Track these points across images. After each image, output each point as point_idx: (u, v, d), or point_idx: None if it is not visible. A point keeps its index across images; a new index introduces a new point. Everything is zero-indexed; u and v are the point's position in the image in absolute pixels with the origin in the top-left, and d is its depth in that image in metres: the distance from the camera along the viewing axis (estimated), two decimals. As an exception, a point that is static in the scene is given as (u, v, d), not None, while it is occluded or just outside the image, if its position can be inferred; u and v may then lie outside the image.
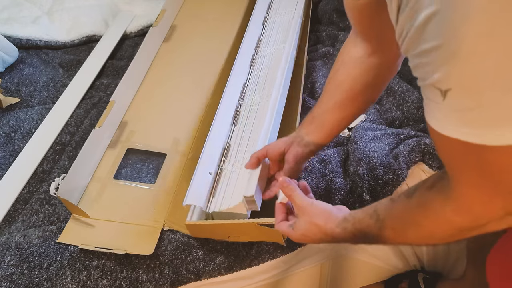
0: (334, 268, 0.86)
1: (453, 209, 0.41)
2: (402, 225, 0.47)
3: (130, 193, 0.84)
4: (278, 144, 0.72)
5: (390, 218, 0.49)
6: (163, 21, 1.16)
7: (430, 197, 0.43)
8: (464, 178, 0.38)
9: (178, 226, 0.77)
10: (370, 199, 0.80)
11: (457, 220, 0.41)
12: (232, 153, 0.81)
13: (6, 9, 1.33)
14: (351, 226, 0.54)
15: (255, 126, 0.84)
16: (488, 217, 0.39)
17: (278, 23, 1.08)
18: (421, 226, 0.45)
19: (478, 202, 0.38)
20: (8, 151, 0.95)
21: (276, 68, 0.93)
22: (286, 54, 0.96)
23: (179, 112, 0.99)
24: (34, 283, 0.72)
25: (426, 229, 0.45)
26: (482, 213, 0.39)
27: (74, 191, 0.82)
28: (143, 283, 0.73)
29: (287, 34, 1.02)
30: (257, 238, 0.75)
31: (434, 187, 0.43)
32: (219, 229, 0.73)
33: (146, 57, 1.09)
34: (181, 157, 0.89)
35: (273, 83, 0.90)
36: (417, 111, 0.95)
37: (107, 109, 0.91)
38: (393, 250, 0.87)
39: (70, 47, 1.26)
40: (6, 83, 1.10)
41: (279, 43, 1.01)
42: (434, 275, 0.92)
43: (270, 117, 0.83)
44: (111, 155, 0.91)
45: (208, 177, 0.76)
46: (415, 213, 0.45)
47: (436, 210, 0.42)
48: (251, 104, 0.89)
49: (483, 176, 0.36)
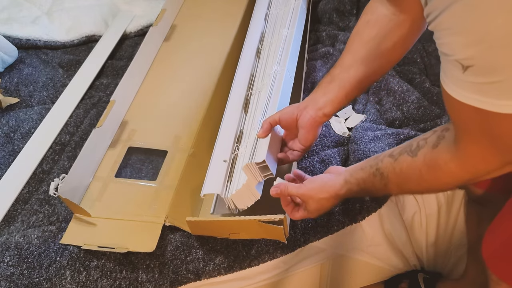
0: (334, 268, 0.86)
1: (457, 165, 0.47)
2: (406, 179, 0.53)
3: (131, 191, 0.85)
4: (290, 110, 0.71)
5: (394, 175, 0.54)
6: (163, 21, 1.16)
7: (435, 155, 0.49)
8: (469, 137, 0.44)
9: (179, 222, 0.77)
10: (370, 199, 0.80)
11: (459, 173, 0.47)
12: (245, 138, 0.80)
13: (5, 9, 1.33)
14: (356, 186, 0.60)
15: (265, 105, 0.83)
16: (487, 170, 0.46)
17: (280, 16, 1.08)
18: (424, 180, 0.51)
19: (480, 159, 0.45)
20: (7, 151, 0.95)
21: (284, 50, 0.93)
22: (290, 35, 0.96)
23: (180, 110, 0.99)
24: (33, 283, 0.72)
25: (428, 182, 0.51)
26: (483, 168, 0.45)
27: (75, 191, 0.82)
28: (143, 283, 0.73)
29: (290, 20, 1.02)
30: (259, 235, 0.75)
31: (439, 146, 0.49)
32: (220, 226, 0.72)
33: (146, 56, 1.09)
34: (182, 154, 0.90)
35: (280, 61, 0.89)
36: (417, 111, 0.95)
37: (107, 108, 0.91)
38: (393, 250, 0.87)
39: (69, 47, 1.26)
40: (6, 83, 1.10)
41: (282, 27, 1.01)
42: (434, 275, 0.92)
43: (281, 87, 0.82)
44: (112, 154, 0.91)
45: (223, 165, 0.76)
46: (420, 169, 0.51)
47: (441, 166, 0.48)
48: (260, 89, 0.88)
49: (487, 136, 0.42)
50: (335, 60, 1.11)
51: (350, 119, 0.96)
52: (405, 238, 0.87)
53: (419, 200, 0.85)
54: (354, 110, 0.98)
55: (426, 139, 0.52)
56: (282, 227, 0.68)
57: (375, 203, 0.81)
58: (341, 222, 0.79)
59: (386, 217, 0.83)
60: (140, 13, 1.35)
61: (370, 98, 1.00)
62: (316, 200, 0.64)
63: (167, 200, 0.81)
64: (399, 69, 1.07)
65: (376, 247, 0.85)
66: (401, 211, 0.85)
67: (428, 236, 0.88)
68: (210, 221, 0.71)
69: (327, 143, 0.91)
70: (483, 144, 0.43)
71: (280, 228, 0.68)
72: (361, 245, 0.84)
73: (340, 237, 0.80)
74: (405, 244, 0.88)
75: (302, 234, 0.77)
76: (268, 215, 0.67)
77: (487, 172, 0.46)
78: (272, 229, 0.69)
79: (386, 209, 0.82)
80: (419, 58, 1.09)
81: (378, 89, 1.02)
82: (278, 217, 0.67)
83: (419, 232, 0.87)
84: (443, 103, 1.01)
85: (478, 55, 0.36)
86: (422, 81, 1.02)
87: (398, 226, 0.85)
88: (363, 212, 0.80)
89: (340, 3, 1.28)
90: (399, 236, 0.86)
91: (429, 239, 0.88)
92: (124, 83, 0.98)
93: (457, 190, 0.84)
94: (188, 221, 0.72)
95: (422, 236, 0.88)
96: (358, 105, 0.99)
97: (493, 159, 0.44)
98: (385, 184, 0.56)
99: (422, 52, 1.10)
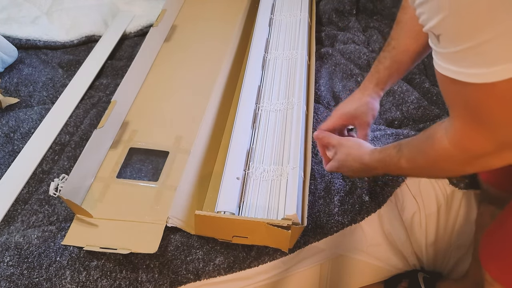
0: (334, 268, 0.86)
1: (449, 141, 0.47)
2: (414, 153, 0.55)
3: (133, 192, 0.85)
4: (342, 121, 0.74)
5: (407, 147, 0.56)
6: (163, 21, 1.16)
7: (435, 129, 0.50)
8: (455, 113, 0.45)
9: (181, 223, 0.77)
10: (369, 200, 0.80)
11: (452, 151, 0.47)
12: (256, 158, 0.82)
13: (5, 9, 1.33)
14: (378, 153, 0.62)
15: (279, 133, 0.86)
16: (477, 150, 0.45)
17: (284, 25, 1.09)
18: (428, 154, 0.52)
19: (467, 136, 0.44)
20: (7, 151, 0.95)
21: (294, 75, 0.96)
22: (301, 59, 0.98)
23: (181, 110, 1.00)
24: (33, 283, 0.72)
25: (431, 158, 0.51)
26: (470, 146, 0.45)
27: (77, 192, 0.82)
28: (143, 283, 0.73)
29: (297, 39, 1.04)
30: (262, 241, 0.75)
31: (443, 122, 0.50)
32: (226, 224, 0.72)
33: (147, 57, 1.09)
34: (183, 155, 0.90)
35: (293, 91, 0.93)
36: (417, 111, 0.95)
37: (108, 109, 0.91)
38: (393, 250, 0.87)
39: (69, 47, 1.26)
40: (6, 83, 1.10)
41: (291, 48, 1.03)
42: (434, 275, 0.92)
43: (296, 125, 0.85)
44: (113, 155, 0.91)
45: (237, 183, 0.77)
46: (423, 142, 0.52)
47: (439, 140, 0.49)
48: (269, 109, 0.91)
49: (468, 111, 0.42)
50: (334, 61, 1.12)
51: (349, 119, 0.96)
52: (405, 238, 0.87)
53: (419, 200, 0.85)
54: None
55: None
56: (290, 232, 0.68)
57: (374, 204, 0.81)
58: (340, 223, 0.79)
59: (386, 217, 0.83)
60: (140, 13, 1.35)
61: (369, 98, 1.00)
62: (346, 152, 0.69)
63: (168, 201, 0.81)
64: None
65: (375, 247, 0.85)
66: (400, 211, 0.85)
67: (428, 236, 0.88)
68: (219, 218, 0.70)
69: (326, 143, 0.91)
70: (467, 120, 0.43)
71: (287, 233, 0.68)
72: (361, 245, 0.84)
73: (339, 237, 0.80)
74: (405, 244, 0.88)
75: (302, 235, 0.77)
76: (277, 219, 0.68)
77: (481, 153, 0.45)
78: (278, 234, 0.68)
79: (385, 209, 0.82)
80: (419, 58, 1.09)
81: (378, 89, 1.02)
82: (287, 222, 0.67)
83: (418, 232, 0.87)
84: (443, 103, 1.01)
85: (444, 22, 0.37)
86: (421, 81, 1.02)
87: (397, 226, 0.85)
88: (363, 212, 0.80)
89: (340, 3, 1.29)
90: (398, 236, 0.86)
91: (429, 239, 0.88)
92: (125, 84, 0.98)
93: (456, 190, 0.84)
94: (196, 215, 0.71)
95: (421, 236, 0.88)
96: (357, 105, 0.99)
97: (480, 138, 0.43)
98: (399, 158, 0.57)
99: (422, 52, 1.10)
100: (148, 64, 1.10)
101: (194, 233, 0.76)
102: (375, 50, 1.15)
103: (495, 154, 0.44)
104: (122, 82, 0.97)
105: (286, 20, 1.10)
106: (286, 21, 1.10)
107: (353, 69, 1.09)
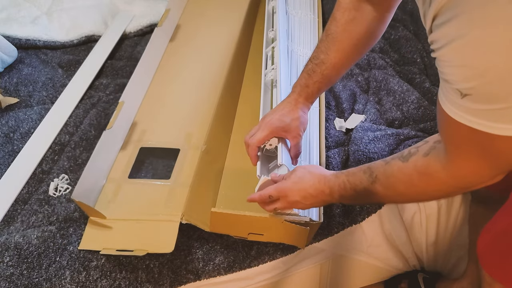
0: (334, 268, 0.86)
1: (449, 175, 0.49)
2: (394, 182, 0.54)
3: (146, 191, 0.84)
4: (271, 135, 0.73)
5: (383, 175, 0.55)
6: (167, 21, 1.16)
7: (426, 163, 0.51)
8: (460, 152, 0.47)
9: (196, 220, 0.76)
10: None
11: (450, 182, 0.50)
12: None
13: (5, 9, 1.33)
14: (345, 177, 0.60)
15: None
16: (479, 181, 0.48)
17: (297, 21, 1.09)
18: (414, 185, 0.53)
19: (470, 171, 0.47)
20: (7, 151, 0.95)
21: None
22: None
23: (190, 108, 0.99)
24: (33, 283, 0.71)
25: (418, 187, 0.53)
26: (474, 179, 0.48)
27: (89, 194, 0.81)
28: (143, 283, 0.73)
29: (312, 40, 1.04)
30: (278, 238, 0.74)
31: (430, 155, 0.51)
32: (243, 221, 0.71)
33: (152, 57, 1.09)
34: (195, 151, 0.89)
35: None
36: (417, 111, 0.95)
37: (117, 110, 0.91)
38: (393, 250, 0.87)
39: (69, 47, 1.26)
40: (5, 83, 1.10)
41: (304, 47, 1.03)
42: (434, 275, 0.92)
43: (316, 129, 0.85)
44: (124, 155, 0.90)
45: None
46: (411, 175, 0.52)
47: (432, 174, 0.50)
48: None
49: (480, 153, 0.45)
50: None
51: (350, 119, 0.95)
52: (405, 239, 0.87)
53: (419, 200, 0.85)
54: (354, 110, 0.98)
55: (418, 147, 0.54)
56: (308, 229, 0.67)
57: (375, 204, 0.81)
58: (341, 224, 0.79)
59: (386, 217, 0.83)
60: (139, 13, 1.35)
61: (370, 98, 1.00)
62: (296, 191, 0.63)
63: (182, 198, 0.80)
64: (399, 69, 1.07)
65: (376, 247, 0.85)
66: (401, 212, 0.85)
67: (428, 236, 0.88)
68: (235, 215, 0.70)
69: (327, 144, 0.90)
70: (474, 159, 0.46)
71: (305, 229, 0.67)
72: (361, 245, 0.84)
73: (340, 237, 0.80)
74: (405, 244, 0.88)
75: (302, 234, 0.77)
76: (294, 216, 0.67)
77: (480, 182, 0.49)
78: (295, 230, 0.68)
79: (386, 210, 0.82)
80: (419, 58, 1.09)
81: (378, 89, 1.02)
82: (304, 219, 0.67)
83: (419, 232, 0.87)
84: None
85: (477, 87, 0.39)
86: (422, 81, 1.02)
87: (398, 227, 0.85)
88: (363, 213, 0.80)
89: (340, 3, 1.28)
90: (399, 236, 0.86)
91: (429, 239, 0.88)
92: (132, 84, 0.97)
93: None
94: (212, 212, 0.70)
95: (422, 236, 0.88)
96: (358, 105, 0.99)
97: (484, 172, 0.47)
98: (371, 182, 0.56)
99: (422, 52, 1.10)
100: (154, 64, 1.10)
101: (208, 230, 0.75)
102: (374, 50, 1.15)
103: (491, 180, 0.48)
104: (129, 83, 0.97)
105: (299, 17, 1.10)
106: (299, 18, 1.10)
107: (353, 68, 1.09)
